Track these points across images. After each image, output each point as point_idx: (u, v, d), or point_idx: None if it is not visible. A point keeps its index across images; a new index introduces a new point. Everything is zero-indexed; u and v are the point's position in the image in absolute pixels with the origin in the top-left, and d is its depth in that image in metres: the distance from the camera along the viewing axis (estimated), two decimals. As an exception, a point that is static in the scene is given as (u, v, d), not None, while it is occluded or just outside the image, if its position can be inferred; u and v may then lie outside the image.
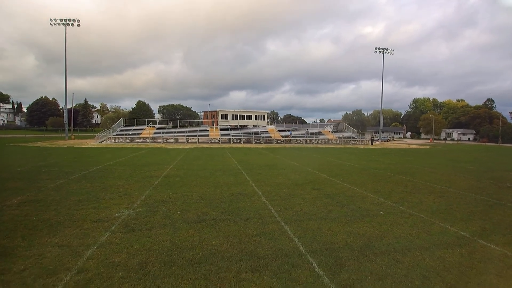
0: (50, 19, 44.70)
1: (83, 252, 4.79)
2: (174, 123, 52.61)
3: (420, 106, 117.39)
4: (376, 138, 60.37)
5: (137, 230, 5.81)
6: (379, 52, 55.51)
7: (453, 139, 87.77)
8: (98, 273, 4.11)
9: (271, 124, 56.22)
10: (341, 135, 50.17)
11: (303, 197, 8.88)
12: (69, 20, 44.84)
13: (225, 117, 48.29)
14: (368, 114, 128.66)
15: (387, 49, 55.53)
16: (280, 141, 45.26)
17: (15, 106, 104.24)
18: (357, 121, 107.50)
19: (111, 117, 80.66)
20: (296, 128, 52.61)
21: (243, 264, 4.47)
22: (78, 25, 45.35)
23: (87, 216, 6.67)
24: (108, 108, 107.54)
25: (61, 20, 44.72)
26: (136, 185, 10.31)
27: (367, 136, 53.23)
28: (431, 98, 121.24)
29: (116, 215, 6.78)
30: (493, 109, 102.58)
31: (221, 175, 12.73)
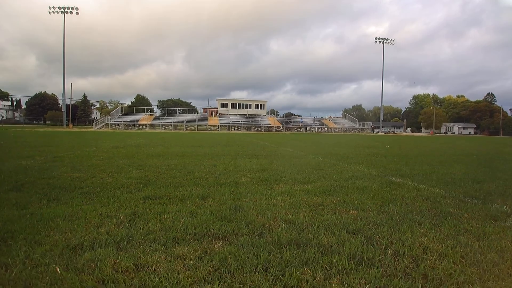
0: (49, 7, 44.25)
1: (63, 155, 4.40)
2: (173, 112, 51.95)
3: (420, 102, 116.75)
4: (377, 130, 59.93)
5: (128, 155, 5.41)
6: (379, 42, 54.91)
7: (453, 133, 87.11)
8: (73, 159, 3.72)
9: (270, 114, 55.70)
10: (341, 124, 49.65)
11: (303, 143, 8.50)
12: (67, 8, 44.42)
13: (224, 106, 47.44)
14: (368, 111, 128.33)
15: (387, 39, 54.97)
16: (279, 129, 44.91)
17: (14, 103, 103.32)
18: (357, 116, 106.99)
19: (110, 111, 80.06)
20: (299, 117, 52.07)
21: (239, 157, 4.07)
22: (77, 13, 44.75)
23: (75, 146, 6.28)
24: (107, 104, 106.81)
25: (59, 8, 44.29)
26: (130, 139, 9.92)
27: (368, 126, 52.67)
28: (431, 94, 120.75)
29: (106, 145, 6.38)
30: (494, 103, 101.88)
31: (218, 137, 12.34)
